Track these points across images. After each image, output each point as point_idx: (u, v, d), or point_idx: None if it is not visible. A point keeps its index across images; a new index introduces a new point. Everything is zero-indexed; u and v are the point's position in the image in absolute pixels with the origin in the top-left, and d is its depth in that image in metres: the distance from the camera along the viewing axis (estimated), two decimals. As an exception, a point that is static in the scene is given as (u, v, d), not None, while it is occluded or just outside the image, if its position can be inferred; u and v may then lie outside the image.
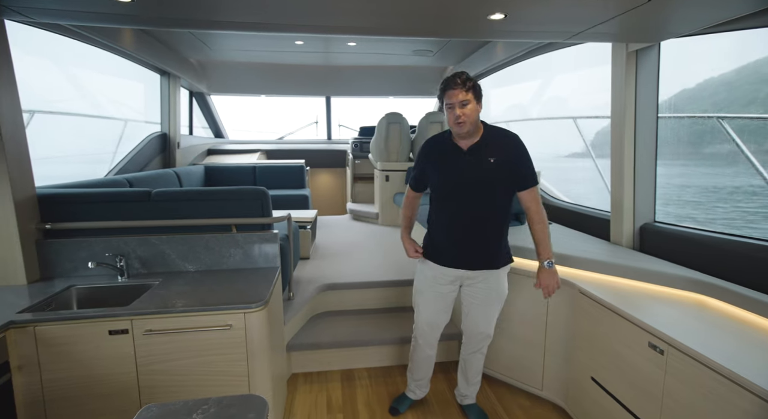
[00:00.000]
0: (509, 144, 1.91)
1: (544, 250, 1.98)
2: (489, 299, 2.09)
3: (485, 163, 1.88)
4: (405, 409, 2.40)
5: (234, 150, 6.54)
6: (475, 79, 1.90)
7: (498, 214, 1.96)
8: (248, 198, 2.36)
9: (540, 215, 1.96)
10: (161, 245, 2.25)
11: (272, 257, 2.38)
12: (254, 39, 4.27)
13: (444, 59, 5.23)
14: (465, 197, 1.93)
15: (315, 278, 3.27)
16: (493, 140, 1.90)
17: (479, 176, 1.89)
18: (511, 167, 1.89)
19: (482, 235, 1.99)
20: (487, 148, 1.89)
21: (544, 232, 1.97)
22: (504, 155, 1.88)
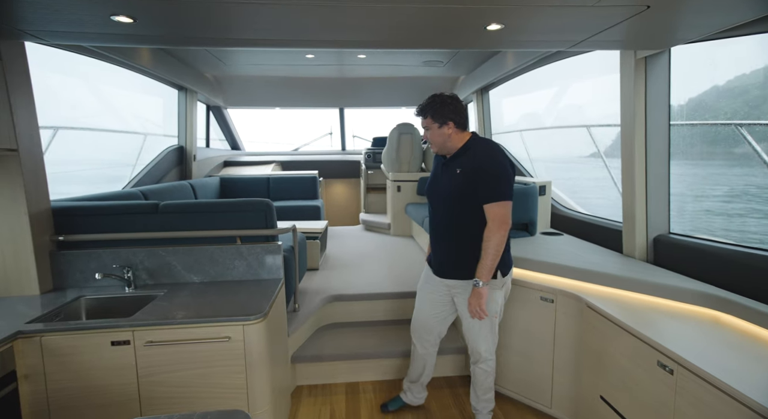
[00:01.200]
0: (479, 157, 1.87)
1: (480, 268, 1.89)
2: (464, 314, 2.06)
3: (454, 174, 1.91)
4: (394, 408, 2.45)
5: (250, 162, 6.67)
6: (439, 99, 1.92)
7: (469, 225, 1.91)
8: (253, 210, 2.39)
9: (489, 232, 1.86)
10: (167, 257, 2.30)
11: (275, 268, 2.40)
12: (267, 54, 4.38)
13: (455, 69, 5.22)
14: (438, 205, 2.00)
15: (322, 289, 3.28)
16: (468, 152, 1.91)
17: (448, 186, 1.93)
18: (473, 179, 1.86)
19: (452, 245, 1.99)
20: (459, 159, 1.92)
21: (486, 251, 1.87)
22: (470, 167, 1.87)
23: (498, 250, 1.87)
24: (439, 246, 2.05)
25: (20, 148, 2.02)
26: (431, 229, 2.09)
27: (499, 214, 1.85)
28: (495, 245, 1.85)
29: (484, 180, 1.84)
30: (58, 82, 4.22)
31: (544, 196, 3.52)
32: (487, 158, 1.86)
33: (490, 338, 2.10)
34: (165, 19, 1.85)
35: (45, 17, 1.71)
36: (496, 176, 1.84)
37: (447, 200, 1.94)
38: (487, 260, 1.86)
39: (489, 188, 1.84)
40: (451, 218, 1.95)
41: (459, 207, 1.91)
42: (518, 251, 2.69)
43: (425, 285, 2.21)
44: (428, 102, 1.93)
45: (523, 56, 3.78)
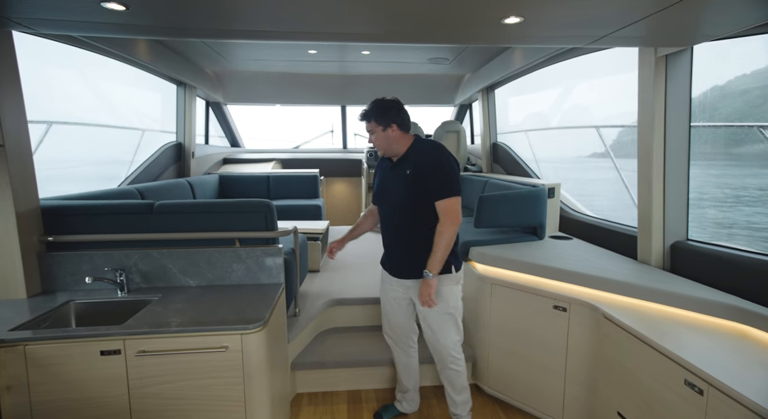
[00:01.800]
0: (426, 157, 1.92)
1: (431, 261, 1.92)
2: (426, 310, 2.05)
3: (404, 176, 1.95)
4: (388, 418, 2.39)
5: (249, 159, 6.55)
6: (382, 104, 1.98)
7: (421, 225, 1.95)
8: (252, 211, 2.28)
9: (443, 226, 1.90)
10: (162, 259, 2.19)
11: (276, 272, 2.29)
12: (268, 48, 4.26)
13: (461, 67, 5.11)
14: (390, 209, 2.04)
15: (323, 293, 3.17)
16: (415, 153, 1.96)
17: (399, 188, 1.97)
18: (423, 178, 1.90)
19: (405, 246, 2.03)
20: (407, 161, 1.97)
21: (438, 244, 1.90)
22: (418, 168, 1.92)
23: (449, 244, 1.92)
24: (392, 248, 2.10)
25: (7, 143, 1.91)
26: (383, 232, 2.13)
27: (451, 209, 1.89)
28: (447, 239, 1.90)
29: (434, 178, 1.89)
30: (52, 76, 4.11)
31: (553, 198, 3.41)
32: (434, 157, 1.91)
33: (457, 335, 2.11)
34: (159, 8, 1.74)
35: (30, 3, 1.59)
36: (445, 173, 1.89)
37: (398, 202, 1.99)
38: (439, 253, 1.90)
39: (439, 185, 1.89)
40: (404, 220, 2.00)
41: (410, 209, 1.96)
42: (527, 256, 2.59)
43: (385, 287, 2.20)
44: (371, 107, 1.98)
45: (532, 54, 3.67)
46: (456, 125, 5.31)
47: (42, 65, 3.81)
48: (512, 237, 3.02)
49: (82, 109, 4.61)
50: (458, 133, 5.27)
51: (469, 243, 2.89)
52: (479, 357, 2.66)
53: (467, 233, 3.09)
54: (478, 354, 2.68)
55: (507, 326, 2.48)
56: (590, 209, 3.69)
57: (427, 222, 1.94)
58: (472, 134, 6.55)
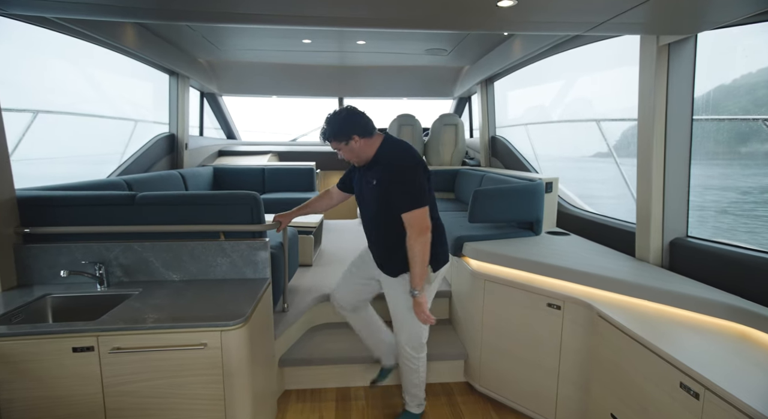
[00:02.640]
0: (389, 168, 1.88)
1: (412, 277, 1.91)
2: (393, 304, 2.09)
3: (371, 185, 1.95)
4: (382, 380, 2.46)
5: (245, 151, 6.46)
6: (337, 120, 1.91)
7: (393, 224, 1.91)
8: (238, 203, 2.21)
9: (411, 240, 1.86)
10: (144, 253, 2.12)
11: (261, 267, 2.22)
12: (262, 37, 4.16)
13: (459, 59, 5.00)
14: (365, 208, 2.07)
15: (314, 287, 3.10)
16: (379, 161, 1.92)
17: (368, 195, 1.99)
18: (388, 189, 1.88)
19: (381, 243, 2.07)
20: (372, 170, 1.95)
21: (413, 260, 1.87)
22: (381, 179, 1.90)
23: (424, 256, 1.87)
24: (371, 241, 2.14)
25: None
26: (367, 235, 2.15)
27: (416, 222, 1.85)
28: (420, 253, 1.86)
29: (396, 192, 1.85)
30: (45, 65, 4.02)
31: (551, 193, 3.33)
32: (396, 169, 1.86)
33: (416, 330, 2.08)
34: None
35: None
36: (407, 186, 1.85)
37: (374, 212, 2.00)
38: (416, 268, 1.88)
39: (402, 199, 1.85)
40: (378, 220, 2.02)
41: (384, 218, 1.95)
42: (523, 252, 2.51)
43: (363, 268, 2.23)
44: (326, 125, 1.92)
45: (532, 44, 3.57)
46: (454, 118, 5.22)
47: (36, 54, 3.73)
48: (508, 233, 2.95)
49: (78, 99, 4.53)
50: (456, 126, 5.18)
51: (463, 238, 2.82)
52: (471, 355, 2.60)
53: (461, 228, 3.01)
54: (470, 351, 2.62)
55: (500, 323, 2.42)
56: (589, 205, 3.61)
57: (398, 226, 1.90)
58: (471, 128, 6.45)
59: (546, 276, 2.32)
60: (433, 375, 2.67)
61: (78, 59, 4.21)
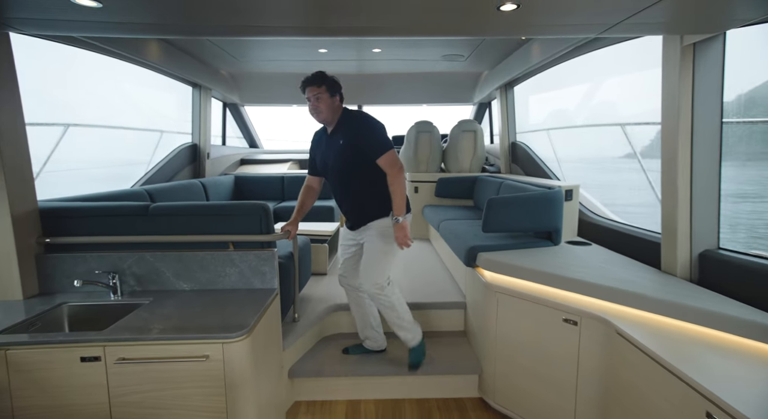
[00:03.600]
0: (355, 124, 2.21)
1: (395, 207, 2.23)
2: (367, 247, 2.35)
3: (338, 145, 2.22)
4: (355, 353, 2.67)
5: (266, 160, 6.59)
6: (329, 77, 2.23)
7: (363, 181, 2.25)
8: (247, 213, 2.22)
9: (392, 178, 2.21)
10: (156, 263, 2.16)
11: (269, 277, 2.22)
12: (280, 48, 4.23)
13: (477, 64, 4.93)
14: (335, 176, 2.29)
15: (327, 297, 3.09)
16: (344, 124, 2.23)
17: (337, 156, 2.24)
18: (358, 144, 2.18)
19: (357, 201, 2.32)
20: (339, 132, 2.24)
21: (395, 193, 2.21)
22: (351, 135, 2.20)
23: (403, 189, 2.23)
24: (348, 207, 2.38)
25: (2, 145, 1.92)
26: (336, 198, 2.40)
27: (390, 162, 2.19)
28: (400, 186, 2.21)
29: (368, 140, 2.18)
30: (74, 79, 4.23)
31: (571, 201, 3.20)
32: (362, 123, 2.22)
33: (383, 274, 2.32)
34: (133, 5, 1.69)
35: (8, 2, 1.58)
36: (375, 133, 2.20)
37: (339, 168, 2.25)
38: (398, 199, 2.21)
39: (374, 145, 2.18)
40: (349, 181, 2.27)
41: (351, 170, 2.24)
42: (538, 264, 2.41)
43: (343, 240, 2.54)
44: (321, 74, 2.21)
45: (551, 47, 3.46)
46: (473, 124, 5.13)
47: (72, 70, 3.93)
48: (525, 242, 2.84)
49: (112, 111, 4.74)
50: (475, 132, 5.09)
51: (477, 249, 2.74)
52: (485, 369, 2.51)
53: (475, 238, 2.93)
54: (484, 366, 2.53)
55: (514, 338, 2.32)
56: (616, 213, 3.44)
57: (367, 178, 2.24)
58: (492, 134, 6.33)
59: (562, 290, 2.21)
60: (447, 389, 2.59)
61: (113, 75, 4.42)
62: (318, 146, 2.39)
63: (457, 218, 3.98)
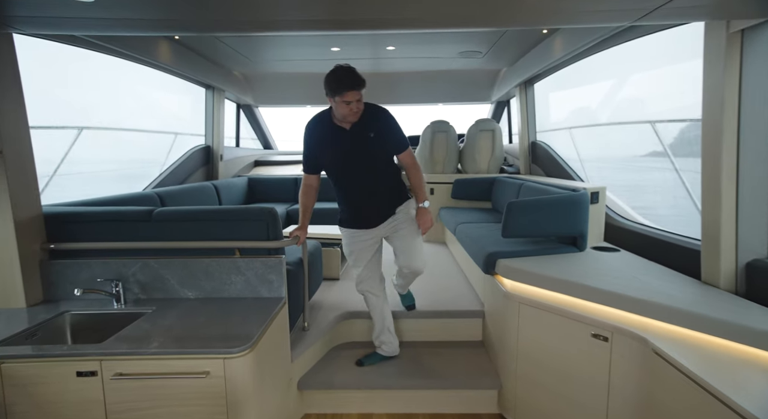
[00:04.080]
0: (381, 119, 2.19)
1: (419, 195, 2.31)
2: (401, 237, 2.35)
3: (368, 138, 2.16)
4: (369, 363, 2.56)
5: (281, 161, 6.54)
6: None
7: (388, 171, 2.30)
8: (254, 219, 2.13)
9: (414, 170, 2.31)
10: (161, 270, 2.09)
11: (277, 285, 2.12)
12: (291, 47, 4.15)
13: (495, 61, 4.75)
14: (359, 169, 2.21)
15: (339, 304, 2.98)
16: (371, 117, 2.17)
17: (358, 150, 2.17)
18: (385, 138, 2.20)
19: (385, 191, 2.32)
20: (366, 125, 2.16)
21: (420, 182, 2.32)
22: (378, 129, 2.17)
23: (424, 179, 2.35)
24: (375, 201, 2.31)
25: (5, 150, 1.87)
26: (352, 195, 2.31)
27: (411, 158, 2.32)
28: (422, 178, 2.34)
29: (396, 134, 2.24)
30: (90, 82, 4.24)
31: (597, 204, 3.00)
32: (389, 117, 2.23)
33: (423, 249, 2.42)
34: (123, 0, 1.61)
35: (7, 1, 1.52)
36: (399, 132, 2.26)
37: (371, 162, 2.21)
38: (423, 188, 2.32)
39: (400, 138, 2.26)
40: (378, 175, 2.26)
41: (382, 163, 2.26)
42: (563, 272, 2.24)
43: (357, 244, 2.39)
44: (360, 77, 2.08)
45: (575, 40, 3.27)
46: (491, 123, 4.95)
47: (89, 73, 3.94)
48: (547, 248, 2.67)
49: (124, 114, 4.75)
50: (493, 132, 4.91)
51: (496, 255, 2.58)
52: (505, 385, 2.35)
53: (494, 243, 2.77)
54: (504, 381, 2.37)
55: (537, 353, 2.16)
56: (646, 217, 3.23)
57: (391, 171, 2.31)
58: (510, 133, 6.13)
59: (591, 301, 2.04)
60: (464, 404, 2.44)
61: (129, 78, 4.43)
62: (324, 141, 2.19)
63: (474, 221, 3.82)
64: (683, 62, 4.22)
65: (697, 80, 2.09)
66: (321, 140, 2.21)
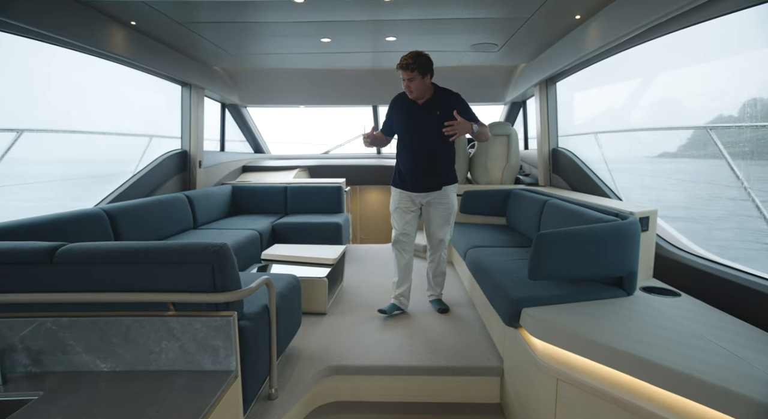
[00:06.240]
0: (451, 101, 2.62)
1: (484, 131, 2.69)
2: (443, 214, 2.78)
3: (434, 115, 2.59)
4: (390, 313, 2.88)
5: (272, 167, 5.96)
6: (423, 58, 2.51)
7: (446, 150, 2.71)
8: (195, 261, 1.54)
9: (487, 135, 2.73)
10: (61, 332, 1.51)
11: (224, 355, 1.53)
12: (277, 39, 3.58)
13: (512, 55, 4.14)
14: (422, 139, 2.65)
15: (322, 352, 2.39)
16: (441, 98, 2.63)
17: (423, 125, 2.62)
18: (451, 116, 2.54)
19: (436, 163, 2.69)
20: (435, 104, 2.62)
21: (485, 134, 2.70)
22: (447, 109, 2.57)
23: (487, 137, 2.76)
24: (428, 169, 2.70)
25: None
26: (412, 159, 2.70)
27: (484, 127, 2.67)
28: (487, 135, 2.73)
29: (468, 113, 2.64)
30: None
31: (647, 232, 2.40)
32: (457, 100, 2.64)
33: (449, 232, 2.85)
34: None
35: None
36: (469, 110, 2.67)
37: (433, 135, 2.60)
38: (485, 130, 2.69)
39: (473, 115, 2.68)
40: (438, 147, 2.66)
41: (439, 136, 2.56)
42: (613, 333, 1.64)
43: (401, 202, 2.80)
44: (415, 59, 2.50)
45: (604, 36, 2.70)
46: (506, 127, 4.34)
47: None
48: (585, 292, 2.07)
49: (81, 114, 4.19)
50: (509, 137, 4.30)
51: (521, 302, 1.99)
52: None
53: (517, 284, 2.17)
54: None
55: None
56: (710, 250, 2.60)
57: (449, 147, 2.71)
58: (526, 138, 5.51)
59: (644, 380, 1.43)
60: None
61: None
62: (401, 111, 2.71)
63: (488, 243, 3.22)
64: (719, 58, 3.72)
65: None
66: (399, 109, 2.73)
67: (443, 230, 2.79)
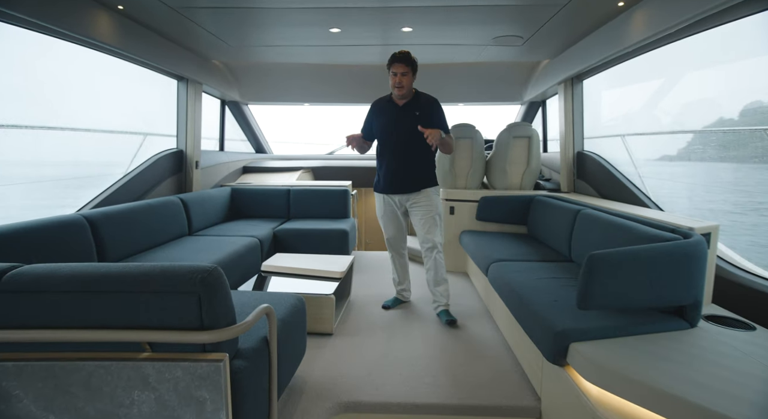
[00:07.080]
0: (430, 104, 2.75)
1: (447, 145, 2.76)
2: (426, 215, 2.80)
3: (413, 116, 2.70)
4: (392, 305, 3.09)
5: (274, 168, 5.65)
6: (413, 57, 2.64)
7: (422, 151, 2.74)
8: (179, 290, 1.23)
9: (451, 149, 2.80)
10: (5, 380, 1.20)
11: (211, 410, 1.22)
12: (282, 28, 3.27)
13: (535, 50, 3.83)
14: (400, 140, 2.75)
15: (329, 383, 2.08)
16: (420, 100, 2.75)
17: (401, 125, 2.72)
18: (430, 119, 2.69)
19: (414, 165, 2.78)
20: (415, 104, 2.74)
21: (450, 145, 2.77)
22: (426, 112, 2.72)
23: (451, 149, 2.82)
24: (406, 170, 2.78)
25: None
26: (390, 161, 2.79)
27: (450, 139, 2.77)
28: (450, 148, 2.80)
29: (441, 120, 2.77)
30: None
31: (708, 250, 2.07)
32: (438, 105, 2.78)
33: (439, 233, 2.85)
34: None
35: None
36: (443, 119, 2.79)
37: (410, 136, 2.69)
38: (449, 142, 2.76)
39: (444, 124, 2.79)
40: (415, 148, 2.73)
41: (418, 138, 2.64)
42: (679, 380, 1.33)
43: (384, 207, 2.92)
44: (409, 55, 2.63)
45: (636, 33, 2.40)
46: (527, 128, 4.01)
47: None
48: (639, 322, 1.76)
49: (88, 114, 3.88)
50: (530, 139, 3.97)
51: (568, 335, 1.67)
52: None
53: (562, 314, 1.84)
54: None
55: None
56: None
57: (426, 149, 2.72)
58: (546, 140, 5.19)
59: None
60: None
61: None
62: (383, 113, 2.77)
63: (511, 257, 2.90)
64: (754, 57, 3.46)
65: None
66: (378, 111, 2.79)
67: (431, 232, 2.79)
